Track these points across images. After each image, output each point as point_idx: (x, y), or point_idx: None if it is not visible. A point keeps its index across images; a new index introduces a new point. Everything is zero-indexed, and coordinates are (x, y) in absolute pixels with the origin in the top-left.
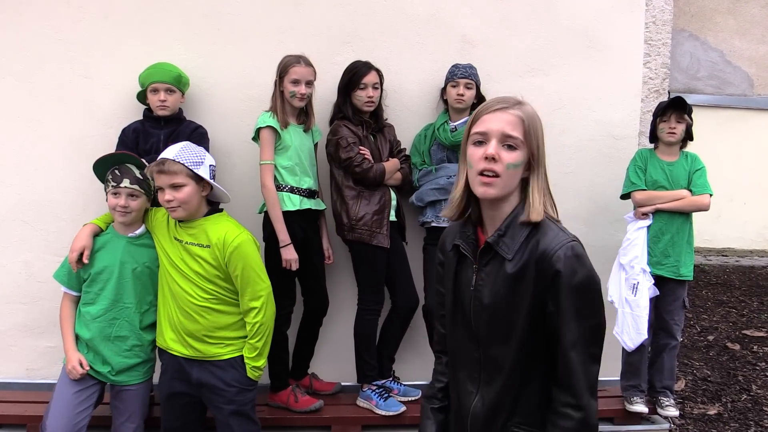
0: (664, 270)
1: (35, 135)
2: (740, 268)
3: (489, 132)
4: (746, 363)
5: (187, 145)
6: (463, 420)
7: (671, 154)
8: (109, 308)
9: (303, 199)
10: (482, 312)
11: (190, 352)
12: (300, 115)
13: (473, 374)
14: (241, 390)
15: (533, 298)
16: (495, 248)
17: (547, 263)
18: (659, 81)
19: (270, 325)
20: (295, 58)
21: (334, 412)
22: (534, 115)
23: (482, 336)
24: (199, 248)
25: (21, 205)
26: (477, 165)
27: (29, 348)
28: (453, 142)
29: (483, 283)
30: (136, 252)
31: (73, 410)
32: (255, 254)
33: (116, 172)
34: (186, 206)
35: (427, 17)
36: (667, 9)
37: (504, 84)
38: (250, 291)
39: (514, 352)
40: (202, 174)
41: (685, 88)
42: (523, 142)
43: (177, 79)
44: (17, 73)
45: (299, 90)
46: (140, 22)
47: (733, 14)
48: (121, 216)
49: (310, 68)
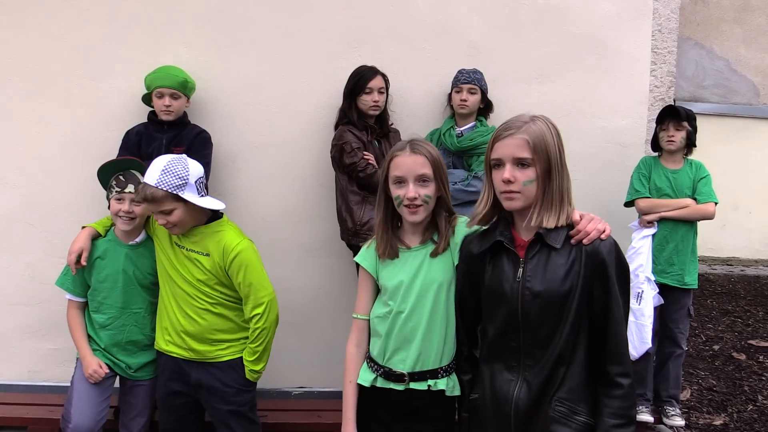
0: (668, 278)
1: (40, 137)
2: (745, 277)
3: (502, 158)
4: (752, 373)
5: (169, 164)
6: (501, 407)
7: (675, 161)
8: (117, 316)
9: None
10: (534, 299)
11: (189, 354)
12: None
13: (511, 363)
14: (239, 391)
15: (583, 283)
16: (545, 239)
17: (595, 253)
18: (665, 89)
19: (271, 330)
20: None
21: (335, 418)
22: (541, 131)
23: (531, 322)
24: (199, 255)
25: (25, 207)
26: (498, 186)
27: (31, 350)
28: (459, 147)
29: (532, 273)
30: (138, 260)
31: (96, 399)
32: (256, 261)
33: (120, 177)
34: (181, 225)
35: (434, 22)
36: (673, 17)
37: (510, 90)
38: (252, 298)
39: (566, 334)
40: (187, 197)
41: (690, 97)
42: (533, 160)
43: (182, 85)
44: (22, 75)
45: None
46: (146, 25)
47: (739, 23)
48: (125, 223)
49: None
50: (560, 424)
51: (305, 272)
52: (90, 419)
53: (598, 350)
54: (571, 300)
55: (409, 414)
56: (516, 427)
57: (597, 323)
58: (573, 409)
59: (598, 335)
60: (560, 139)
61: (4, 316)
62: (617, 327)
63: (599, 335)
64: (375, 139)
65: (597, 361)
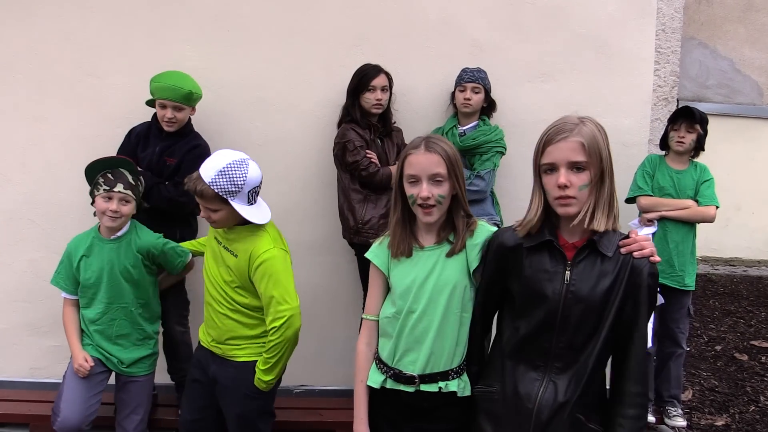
0: (668, 280)
1: (43, 134)
2: (748, 277)
3: (556, 162)
4: (754, 374)
5: (229, 167)
6: (523, 404)
7: (680, 162)
8: (105, 311)
9: None
10: (578, 303)
11: (214, 347)
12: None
13: (537, 363)
14: (248, 396)
15: (623, 295)
16: (597, 246)
17: (638, 272)
18: (668, 89)
19: (288, 345)
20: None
21: (336, 416)
22: (593, 133)
23: (569, 326)
24: (229, 255)
25: (27, 204)
26: (553, 192)
27: (33, 347)
28: (461, 146)
29: (579, 278)
30: (122, 253)
31: (85, 395)
32: (282, 272)
33: (109, 176)
34: (222, 223)
35: (438, 21)
36: (677, 17)
37: (514, 89)
38: (272, 311)
39: (601, 342)
40: (235, 206)
41: (694, 97)
42: (588, 163)
43: (186, 97)
44: (26, 72)
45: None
46: (150, 23)
47: (743, 23)
48: (111, 221)
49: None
50: (575, 430)
51: (307, 270)
52: (78, 414)
53: (617, 367)
54: (609, 311)
55: (421, 415)
56: (535, 427)
57: (620, 341)
58: (589, 417)
59: (620, 352)
60: (608, 140)
61: (6, 313)
62: (640, 347)
63: (621, 352)
64: (378, 138)
65: (615, 378)
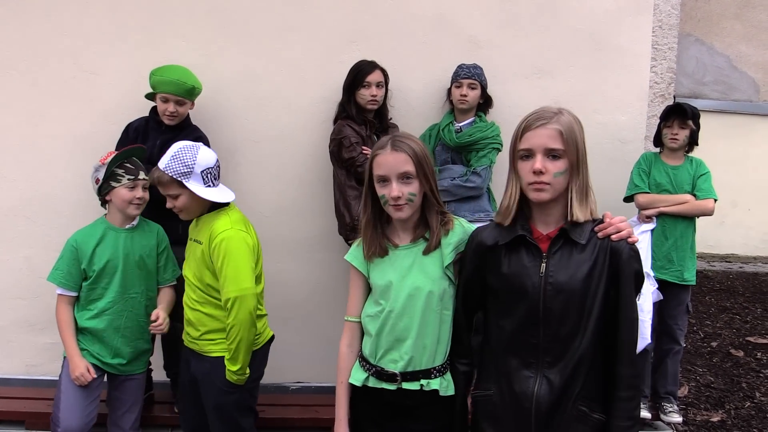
0: (667, 275)
1: (38, 130)
2: (744, 274)
3: (533, 148)
4: (750, 370)
5: (179, 151)
6: (520, 403)
7: (676, 158)
8: (117, 300)
9: None
10: (558, 294)
11: (192, 344)
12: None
13: (528, 360)
14: (222, 390)
15: (607, 281)
16: (570, 234)
17: (617, 255)
18: (665, 85)
19: (243, 328)
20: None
21: (332, 413)
22: (571, 123)
23: (553, 318)
24: (197, 245)
25: (23, 201)
26: (527, 177)
27: (29, 344)
28: (457, 143)
29: (556, 268)
30: (137, 242)
31: (84, 402)
32: (239, 252)
33: (128, 165)
34: (187, 211)
35: (434, 17)
36: (674, 13)
37: (510, 85)
38: (224, 291)
39: (590, 331)
40: (191, 186)
41: (690, 93)
42: (564, 151)
43: (189, 92)
44: (21, 67)
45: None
46: (145, 19)
47: (740, 19)
48: (137, 208)
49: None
50: (580, 423)
51: (303, 267)
52: (79, 422)
53: (609, 352)
54: (593, 297)
55: (403, 413)
56: (537, 424)
57: (609, 326)
58: (591, 407)
59: (609, 337)
60: (584, 133)
61: (2, 311)
62: (628, 330)
63: (611, 337)
64: (374, 134)
65: (609, 363)
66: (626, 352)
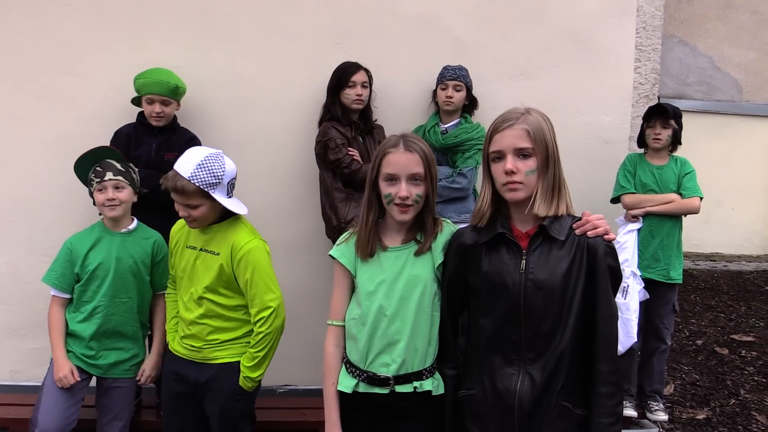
0: (654, 273)
1: (21, 133)
2: (728, 272)
3: (503, 149)
4: (734, 367)
5: (207, 160)
6: (503, 401)
7: (660, 158)
8: (108, 304)
9: None
10: (538, 290)
11: (189, 353)
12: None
13: (510, 356)
14: (231, 397)
15: (585, 278)
16: (549, 231)
17: (593, 251)
18: (649, 86)
19: (275, 336)
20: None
21: (319, 416)
22: (539, 121)
23: (534, 314)
24: (210, 255)
25: (5, 205)
26: (501, 178)
27: (13, 350)
28: (443, 144)
29: (536, 265)
30: (131, 247)
31: (64, 404)
32: (265, 263)
33: (98, 168)
34: (202, 220)
35: (419, 18)
36: (658, 15)
37: (495, 86)
38: (258, 301)
39: (570, 327)
40: (217, 197)
41: (674, 94)
42: (534, 149)
43: (173, 91)
44: (2, 70)
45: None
46: (130, 21)
47: (723, 20)
48: (110, 210)
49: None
50: (563, 418)
51: (290, 269)
52: (57, 423)
53: (589, 348)
54: (572, 293)
55: (395, 415)
56: (520, 421)
57: (588, 322)
58: (574, 403)
59: (589, 333)
60: (554, 130)
61: None
62: (606, 326)
63: (590, 333)
64: (359, 135)
65: (589, 359)
66: (604, 349)
